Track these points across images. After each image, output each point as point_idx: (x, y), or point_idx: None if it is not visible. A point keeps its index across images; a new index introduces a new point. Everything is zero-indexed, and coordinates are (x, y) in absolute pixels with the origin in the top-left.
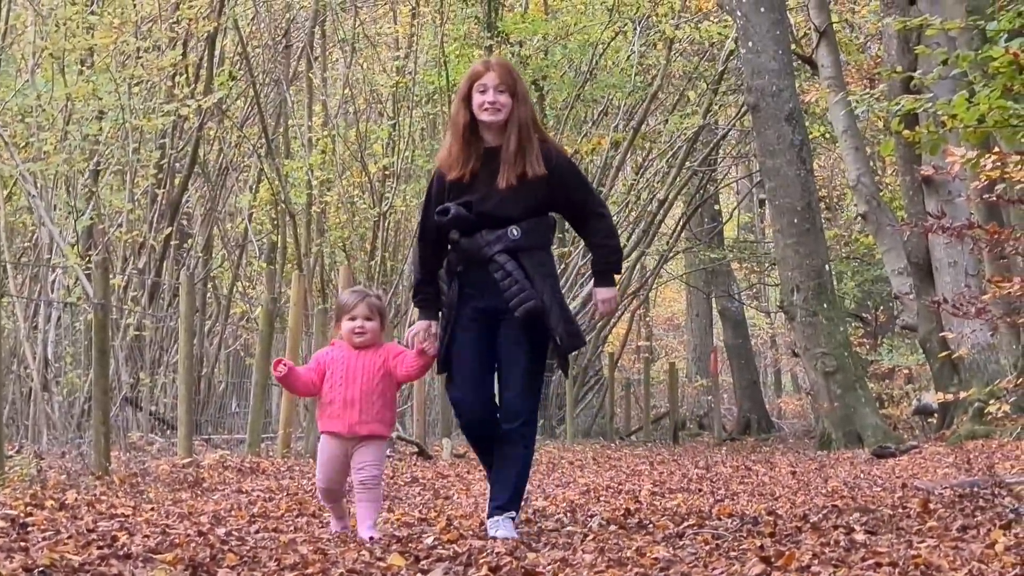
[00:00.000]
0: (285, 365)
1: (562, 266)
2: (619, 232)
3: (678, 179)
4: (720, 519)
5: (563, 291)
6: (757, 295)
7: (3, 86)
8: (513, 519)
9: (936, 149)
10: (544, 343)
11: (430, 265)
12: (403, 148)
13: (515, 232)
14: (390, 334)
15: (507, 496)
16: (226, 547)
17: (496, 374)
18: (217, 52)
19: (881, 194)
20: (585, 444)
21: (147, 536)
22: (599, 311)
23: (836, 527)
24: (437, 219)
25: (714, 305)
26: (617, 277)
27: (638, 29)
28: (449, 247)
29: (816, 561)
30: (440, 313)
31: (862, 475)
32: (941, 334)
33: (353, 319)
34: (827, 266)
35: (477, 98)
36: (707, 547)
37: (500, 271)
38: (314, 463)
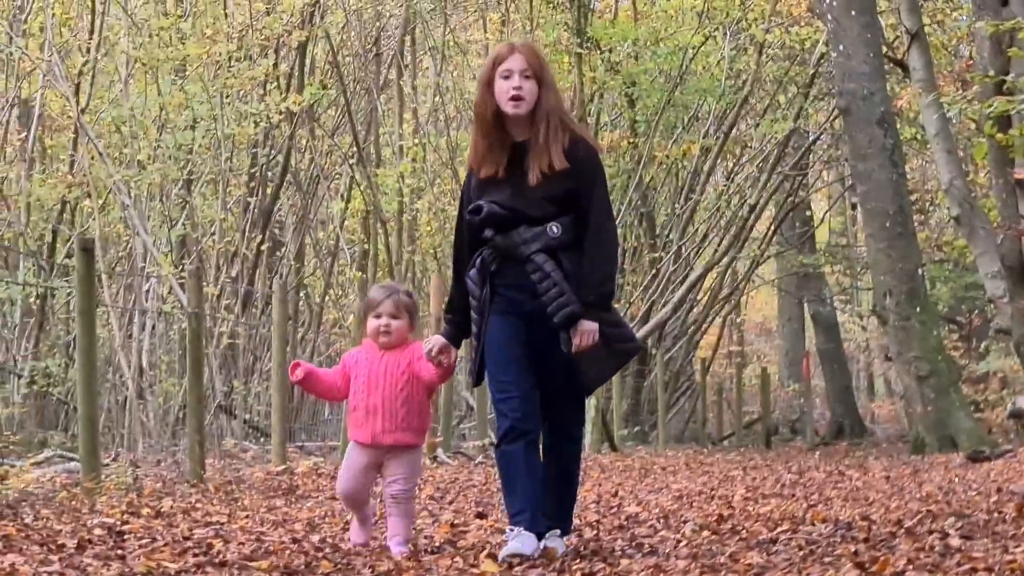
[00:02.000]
0: (302, 369)
1: (652, 272)
2: (703, 238)
3: (769, 184)
4: (814, 524)
5: (650, 296)
6: (849, 299)
7: (97, 97)
8: (561, 536)
9: None
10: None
11: (463, 290)
12: None
13: (555, 229)
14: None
15: (555, 511)
16: (320, 554)
17: (542, 387)
18: (308, 61)
19: (974, 197)
20: (677, 449)
21: (242, 543)
22: (575, 343)
23: (931, 532)
24: (469, 218)
25: (806, 310)
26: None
27: (728, 34)
28: (484, 245)
29: (911, 567)
30: (472, 323)
31: (957, 480)
32: None
33: (379, 317)
34: (920, 270)
35: (500, 84)
36: (801, 553)
37: (538, 272)
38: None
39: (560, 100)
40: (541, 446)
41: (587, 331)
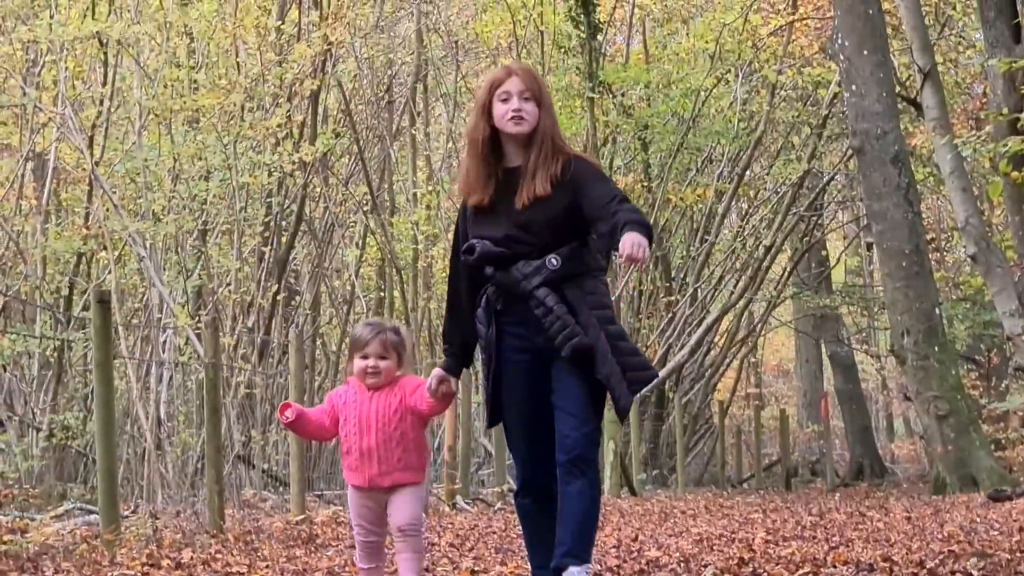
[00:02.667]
0: (293, 410)
1: (668, 315)
2: (719, 281)
3: (784, 225)
4: (835, 566)
5: (666, 339)
6: (867, 339)
7: (111, 148)
8: (588, 572)
9: None
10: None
11: (458, 311)
12: None
13: (554, 262)
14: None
15: (572, 539)
16: None
17: (555, 413)
18: (321, 110)
19: (990, 235)
20: (697, 493)
21: None
22: (627, 254)
23: (953, 573)
24: (464, 259)
25: (823, 350)
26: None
27: (740, 76)
28: (487, 283)
29: None
30: (481, 360)
31: (978, 519)
32: None
33: (366, 357)
34: (937, 309)
35: (499, 108)
36: None
37: (541, 307)
38: (426, 518)
39: (557, 125)
40: (557, 480)
41: (635, 241)
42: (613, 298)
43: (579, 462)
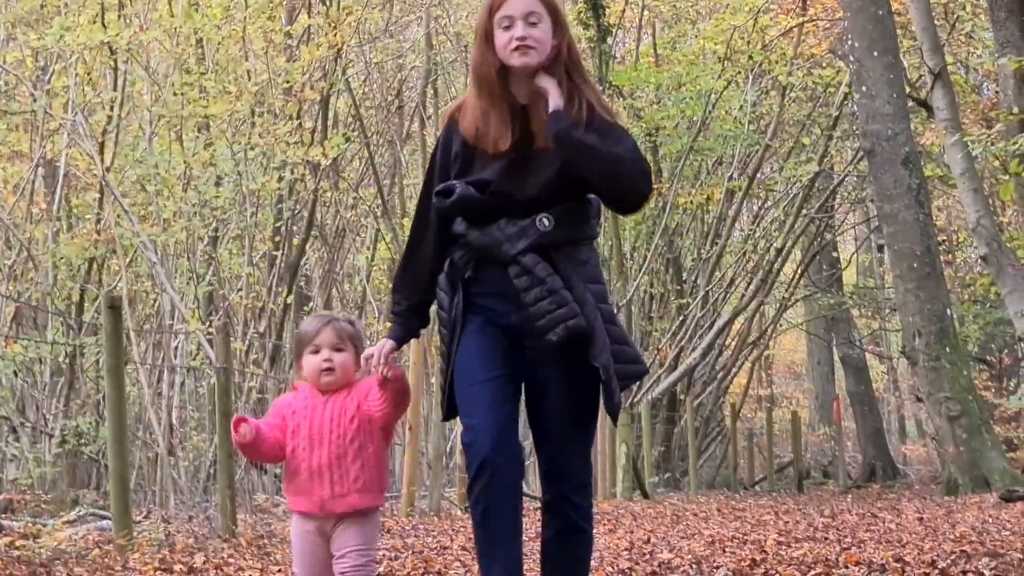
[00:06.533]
0: (251, 427)
1: (680, 318)
2: (730, 283)
3: (795, 227)
4: (847, 567)
5: (678, 342)
6: (878, 341)
7: (121, 155)
8: None
9: None
10: (591, 371)
11: (418, 264)
12: None
13: (545, 222)
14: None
15: None
16: None
17: (533, 427)
18: (331, 114)
19: (1001, 236)
20: (709, 495)
21: None
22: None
23: (965, 573)
24: (436, 202)
25: (835, 352)
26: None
27: (751, 77)
28: (455, 243)
29: None
30: (440, 336)
31: (990, 520)
32: None
33: (317, 351)
34: (948, 310)
35: (501, 36)
36: None
37: (526, 276)
38: (439, 521)
39: (576, 52)
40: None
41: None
42: (624, 301)
43: (577, 498)
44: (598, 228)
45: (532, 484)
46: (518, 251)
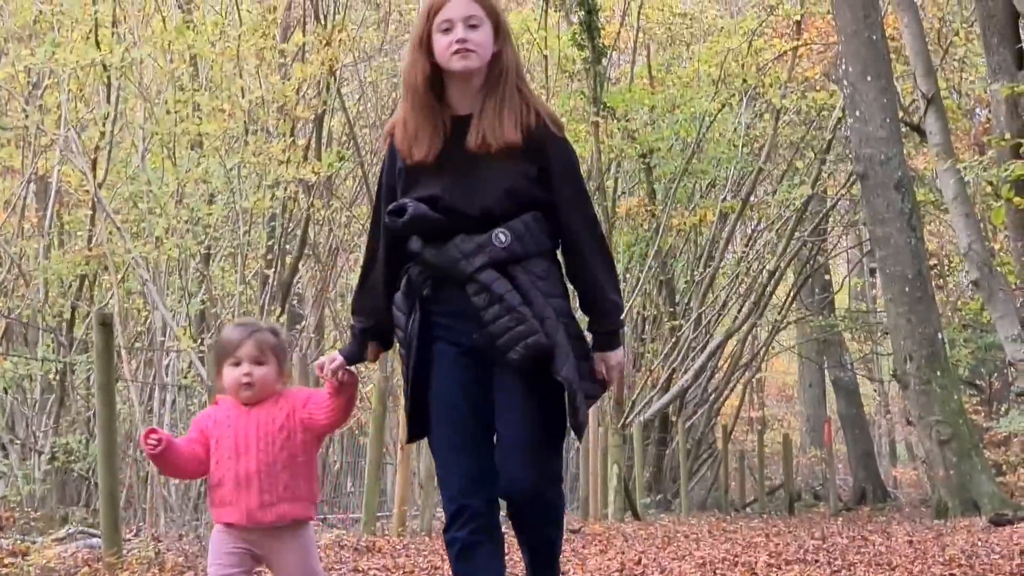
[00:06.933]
0: (160, 438)
1: (672, 340)
2: (723, 306)
3: (788, 250)
4: None
5: (670, 364)
6: (870, 364)
7: (113, 172)
8: None
9: None
10: (556, 387)
11: (374, 286)
12: None
13: (503, 237)
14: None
15: None
16: None
17: (497, 437)
18: (325, 133)
19: (993, 261)
20: (700, 517)
21: None
22: (610, 381)
23: None
24: (389, 222)
25: (827, 375)
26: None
27: (745, 100)
28: (409, 261)
29: None
30: (400, 357)
31: (980, 543)
32: None
33: (238, 364)
34: (940, 334)
35: (440, 40)
36: None
37: (484, 294)
38: (431, 540)
39: (519, 59)
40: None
41: (615, 365)
42: None
43: (535, 504)
44: (557, 239)
45: None
46: (475, 268)
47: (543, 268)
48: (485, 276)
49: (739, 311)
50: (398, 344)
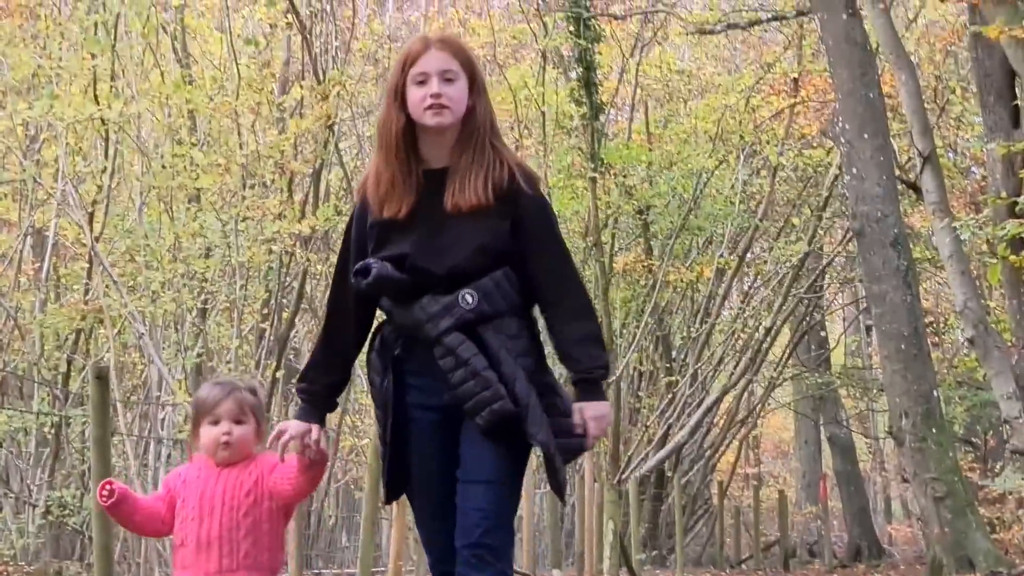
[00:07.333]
0: (113, 489)
1: (668, 396)
2: (719, 362)
3: (784, 306)
4: None
5: (666, 420)
6: (865, 421)
7: (110, 225)
8: None
9: None
10: (524, 445)
11: (337, 343)
12: None
13: (469, 299)
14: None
15: None
16: None
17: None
18: (323, 187)
19: (989, 318)
20: (696, 573)
21: None
22: (590, 433)
23: None
24: (354, 283)
25: (822, 431)
26: (605, 384)
27: (742, 157)
28: (379, 320)
29: None
30: (375, 416)
31: None
32: None
33: (216, 423)
34: (935, 391)
35: (414, 93)
36: None
37: (450, 357)
38: None
39: (492, 112)
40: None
41: (598, 416)
42: (613, 378)
43: (482, 551)
44: (529, 295)
45: (518, 559)
46: (441, 331)
47: (514, 327)
48: (450, 340)
49: (735, 367)
50: (373, 403)
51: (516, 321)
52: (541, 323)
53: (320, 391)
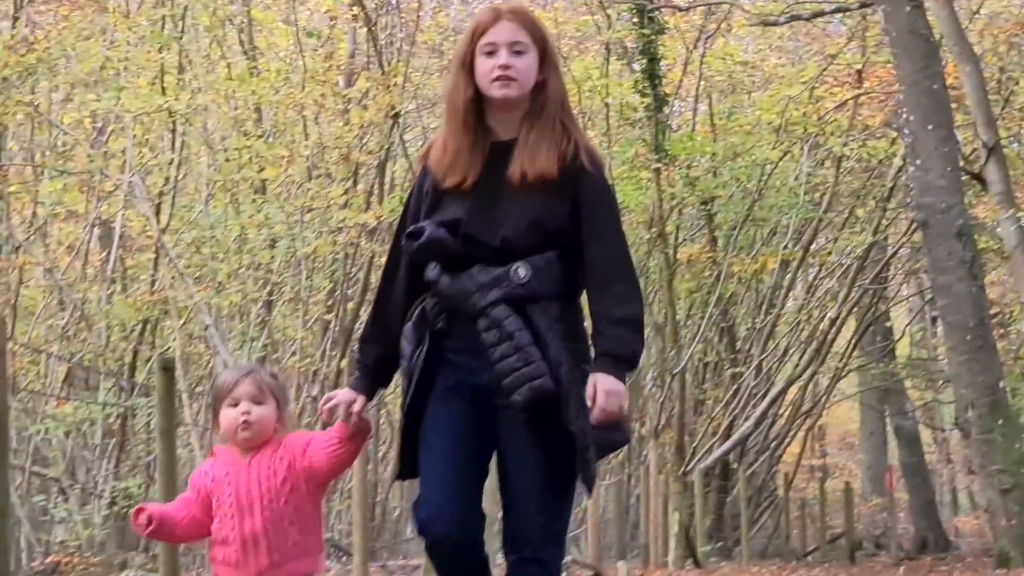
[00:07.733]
0: (152, 516)
1: (733, 387)
2: (784, 353)
3: (849, 297)
4: None
5: (731, 411)
6: (931, 412)
7: (176, 217)
8: None
9: None
10: (569, 439)
11: (388, 314)
12: None
13: (522, 272)
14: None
15: None
16: None
17: (501, 489)
18: (388, 178)
19: None
20: (761, 565)
21: None
22: (598, 407)
23: None
24: (405, 245)
25: (888, 423)
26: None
27: (806, 148)
28: (425, 291)
29: None
30: (402, 388)
31: None
32: None
33: (235, 404)
34: (1001, 382)
35: (483, 64)
36: None
37: (494, 330)
38: None
39: (565, 90)
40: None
41: (612, 391)
42: (678, 369)
43: (535, 568)
44: (580, 283)
45: (584, 551)
46: (488, 302)
47: (562, 311)
48: (498, 312)
49: (800, 358)
50: (401, 374)
51: (564, 306)
52: (586, 312)
53: (370, 364)
